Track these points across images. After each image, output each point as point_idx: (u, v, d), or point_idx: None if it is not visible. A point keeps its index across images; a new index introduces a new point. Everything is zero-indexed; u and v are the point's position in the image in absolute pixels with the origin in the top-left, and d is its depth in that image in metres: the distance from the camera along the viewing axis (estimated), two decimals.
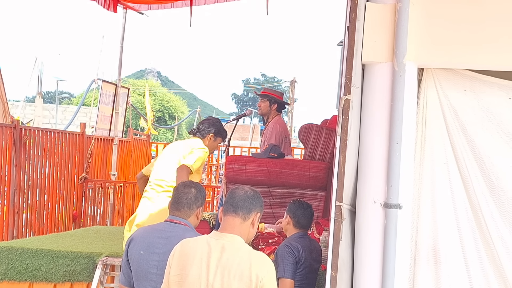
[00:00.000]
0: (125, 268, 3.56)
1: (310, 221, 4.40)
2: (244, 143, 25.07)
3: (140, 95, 35.99)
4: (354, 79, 3.32)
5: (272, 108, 6.78)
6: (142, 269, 3.45)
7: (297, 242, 4.20)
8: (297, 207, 4.37)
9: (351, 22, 3.33)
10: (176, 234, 3.41)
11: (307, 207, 4.39)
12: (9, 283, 4.97)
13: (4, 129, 7.34)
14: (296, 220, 4.32)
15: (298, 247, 4.14)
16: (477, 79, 3.37)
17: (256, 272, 2.83)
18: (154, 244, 3.45)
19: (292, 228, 4.34)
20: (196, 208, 3.61)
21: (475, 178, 3.35)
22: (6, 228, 7.31)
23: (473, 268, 3.35)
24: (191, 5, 7.58)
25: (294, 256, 4.07)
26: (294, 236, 4.29)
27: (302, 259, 4.10)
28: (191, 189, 3.61)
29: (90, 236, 6.08)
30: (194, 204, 3.59)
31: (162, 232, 3.49)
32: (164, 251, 3.37)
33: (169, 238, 3.43)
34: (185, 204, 3.56)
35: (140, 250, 3.47)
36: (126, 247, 3.57)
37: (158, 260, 3.41)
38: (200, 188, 3.68)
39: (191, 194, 3.59)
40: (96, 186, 9.36)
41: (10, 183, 7.37)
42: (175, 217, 3.54)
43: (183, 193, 3.59)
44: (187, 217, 3.57)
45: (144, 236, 3.52)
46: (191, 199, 3.58)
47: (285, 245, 4.17)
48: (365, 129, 3.39)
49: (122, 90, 11.29)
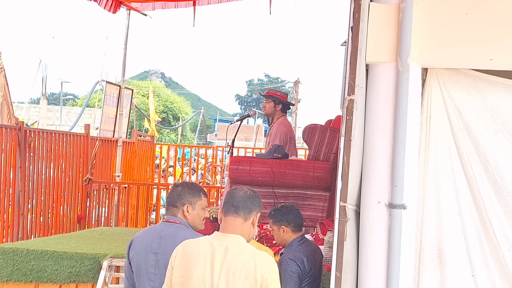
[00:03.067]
0: (128, 272, 3.61)
1: (302, 218, 4.31)
2: (248, 144, 25.07)
3: (144, 96, 36.00)
4: (358, 79, 3.32)
5: (276, 108, 6.76)
6: (142, 269, 3.50)
7: (300, 253, 4.06)
8: (284, 212, 4.23)
9: (355, 22, 3.33)
10: (170, 233, 3.47)
11: (291, 207, 4.31)
12: (15, 284, 4.98)
13: (9, 131, 7.35)
14: (292, 225, 4.20)
15: (303, 259, 4.02)
16: (481, 79, 3.37)
17: (261, 272, 2.84)
18: (151, 244, 3.49)
19: (291, 234, 4.20)
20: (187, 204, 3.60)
21: (480, 178, 3.35)
22: (11, 230, 7.33)
23: (478, 268, 3.34)
24: (194, 5, 7.59)
25: (298, 271, 3.98)
26: (295, 244, 4.15)
27: (307, 270, 4.01)
28: (177, 188, 3.65)
29: (94, 237, 6.08)
30: (185, 200, 3.60)
31: (159, 232, 3.53)
32: (160, 250, 3.44)
33: (163, 238, 3.47)
34: (178, 203, 3.60)
35: (139, 251, 3.52)
36: (127, 249, 3.62)
37: (156, 259, 3.45)
38: (197, 187, 3.69)
39: (179, 189, 3.62)
40: (100, 188, 9.37)
41: (15, 185, 7.38)
42: (170, 217, 3.59)
43: (177, 191, 3.63)
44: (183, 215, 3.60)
45: (142, 237, 3.57)
46: (180, 193, 3.60)
47: (289, 259, 4.02)
48: (369, 129, 3.39)
49: (126, 92, 11.30)
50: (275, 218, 4.24)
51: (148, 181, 12.23)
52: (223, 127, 39.96)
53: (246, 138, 32.62)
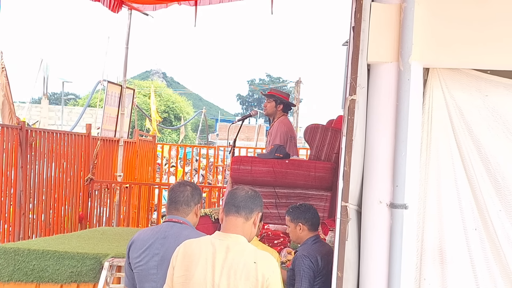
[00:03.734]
0: (128, 271, 3.58)
1: (319, 218, 4.34)
2: (250, 143, 25.06)
3: (146, 96, 36.01)
4: (359, 79, 3.31)
5: (278, 108, 6.77)
6: (143, 271, 3.46)
7: (315, 251, 4.08)
8: (302, 211, 4.26)
9: (356, 22, 3.33)
10: (173, 233, 3.44)
11: (309, 206, 4.34)
12: (16, 284, 4.99)
13: (10, 130, 7.36)
14: (310, 224, 4.22)
15: (317, 257, 4.04)
16: (483, 79, 3.36)
17: (262, 272, 2.84)
18: (153, 245, 3.46)
19: (307, 233, 4.22)
20: (194, 205, 3.59)
21: (481, 178, 3.34)
22: (12, 229, 7.33)
23: (479, 268, 3.34)
24: (196, 4, 7.59)
25: (313, 269, 3.99)
26: (309, 243, 4.17)
27: (321, 268, 4.02)
28: (186, 187, 3.60)
29: (96, 237, 6.09)
30: (191, 201, 3.57)
31: (160, 232, 3.49)
32: (163, 251, 3.40)
33: (166, 238, 3.44)
34: (182, 202, 3.56)
35: (140, 252, 3.48)
36: (127, 250, 3.57)
37: (158, 260, 3.42)
38: (195, 186, 3.67)
39: (187, 192, 3.58)
40: (102, 187, 9.38)
41: (16, 185, 7.39)
42: (173, 216, 3.55)
43: (180, 191, 3.58)
44: (186, 215, 3.56)
45: (143, 239, 3.52)
46: (188, 196, 3.57)
47: (304, 256, 4.04)
48: (371, 129, 3.39)
49: (127, 91, 11.30)
50: (293, 215, 4.25)
51: (150, 181, 12.24)
52: (224, 127, 40.00)
53: (247, 138, 32.62)
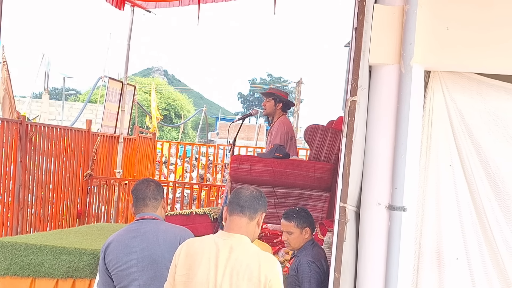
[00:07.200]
0: (104, 276, 3.56)
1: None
2: (250, 143, 25.06)
3: (147, 93, 35.99)
4: (360, 80, 3.31)
5: (277, 107, 6.75)
6: (123, 272, 3.48)
7: (318, 255, 4.05)
8: (306, 215, 4.19)
9: (359, 24, 3.32)
10: (151, 228, 3.49)
11: (306, 209, 4.31)
12: (12, 278, 4.98)
13: (10, 124, 7.36)
14: (312, 227, 4.20)
15: (322, 261, 4.02)
16: (484, 83, 3.36)
17: (265, 273, 2.84)
18: (130, 245, 3.49)
19: (308, 237, 4.17)
20: (161, 199, 3.65)
21: (480, 181, 3.34)
22: (10, 224, 7.34)
23: (476, 272, 3.34)
24: (199, 3, 7.59)
25: (320, 273, 3.96)
26: (309, 247, 4.12)
27: (326, 271, 3.98)
28: (150, 183, 3.66)
29: (94, 233, 6.08)
30: (158, 195, 3.63)
31: (136, 231, 3.52)
32: (141, 247, 3.45)
33: (144, 234, 3.48)
34: (150, 197, 3.60)
35: (118, 254, 3.49)
36: (102, 255, 3.56)
37: (137, 258, 3.46)
38: (157, 182, 3.75)
39: (152, 187, 3.63)
40: (101, 183, 9.37)
41: (15, 179, 7.39)
42: (144, 214, 3.58)
43: (145, 187, 3.63)
44: (155, 210, 3.61)
45: (119, 240, 3.54)
46: (154, 191, 3.62)
47: (310, 262, 3.98)
48: (371, 130, 3.38)
49: (128, 88, 11.30)
50: (298, 221, 4.13)
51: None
52: (224, 125, 39.95)
53: (247, 137, 32.61)
